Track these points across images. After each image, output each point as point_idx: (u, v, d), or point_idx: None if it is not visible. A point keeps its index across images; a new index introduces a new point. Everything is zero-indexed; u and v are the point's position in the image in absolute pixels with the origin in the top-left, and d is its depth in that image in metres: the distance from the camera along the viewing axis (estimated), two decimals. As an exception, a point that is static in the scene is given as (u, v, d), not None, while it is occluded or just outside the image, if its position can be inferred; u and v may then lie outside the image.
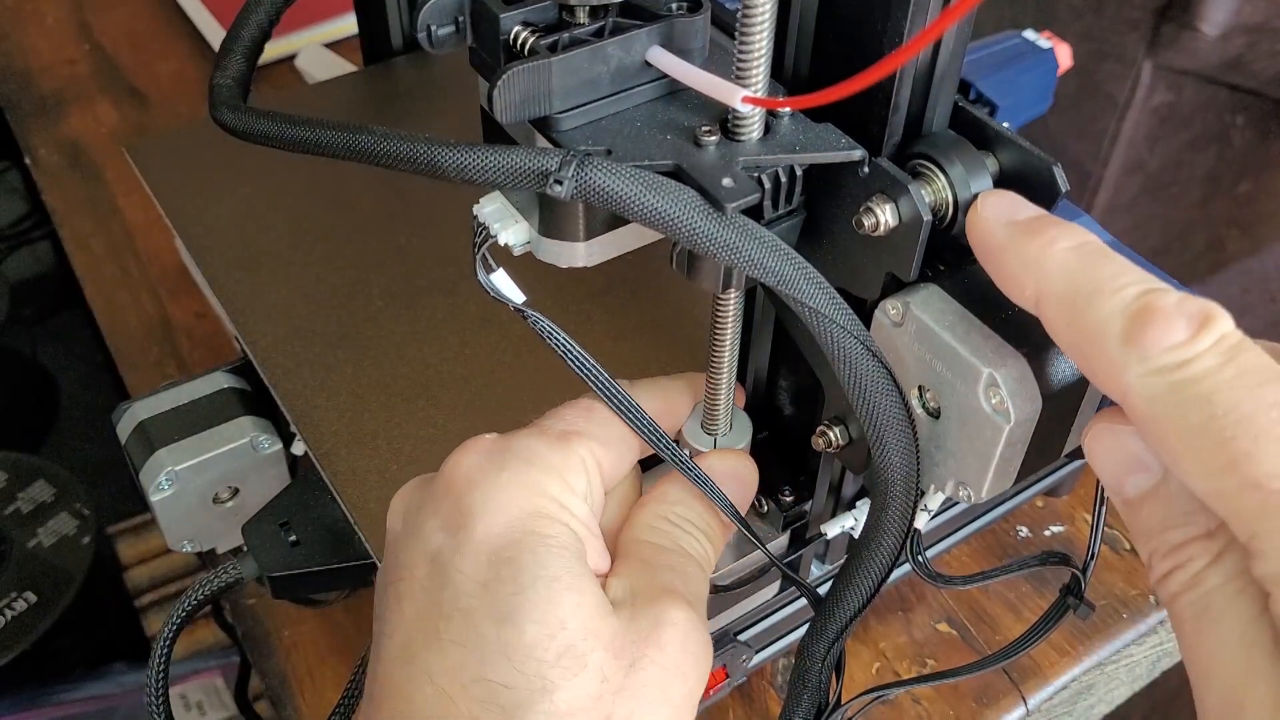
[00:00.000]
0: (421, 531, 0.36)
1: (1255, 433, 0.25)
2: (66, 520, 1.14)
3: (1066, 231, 0.30)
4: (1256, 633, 0.27)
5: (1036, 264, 0.30)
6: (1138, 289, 0.28)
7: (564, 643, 0.33)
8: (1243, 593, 0.28)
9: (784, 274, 0.33)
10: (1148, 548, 0.30)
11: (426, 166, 0.32)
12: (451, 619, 0.33)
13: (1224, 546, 0.28)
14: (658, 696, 0.34)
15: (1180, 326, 0.27)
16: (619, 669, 0.34)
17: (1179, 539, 0.29)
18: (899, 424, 0.35)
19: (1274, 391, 0.26)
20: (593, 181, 0.31)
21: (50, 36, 1.03)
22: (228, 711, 0.97)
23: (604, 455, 0.38)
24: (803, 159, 0.34)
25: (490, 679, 0.32)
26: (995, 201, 0.32)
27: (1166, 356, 0.27)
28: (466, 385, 0.55)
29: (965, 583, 0.43)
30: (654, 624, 0.35)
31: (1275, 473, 0.25)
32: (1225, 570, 0.28)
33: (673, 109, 0.35)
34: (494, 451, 0.37)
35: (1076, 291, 0.29)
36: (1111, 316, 0.28)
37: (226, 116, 0.38)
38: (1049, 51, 0.69)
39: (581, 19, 0.34)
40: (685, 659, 0.35)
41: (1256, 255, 1.15)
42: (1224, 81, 1.08)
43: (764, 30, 0.31)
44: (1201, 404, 0.26)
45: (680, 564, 0.38)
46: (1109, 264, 0.29)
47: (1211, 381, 0.26)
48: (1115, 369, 0.28)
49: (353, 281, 0.60)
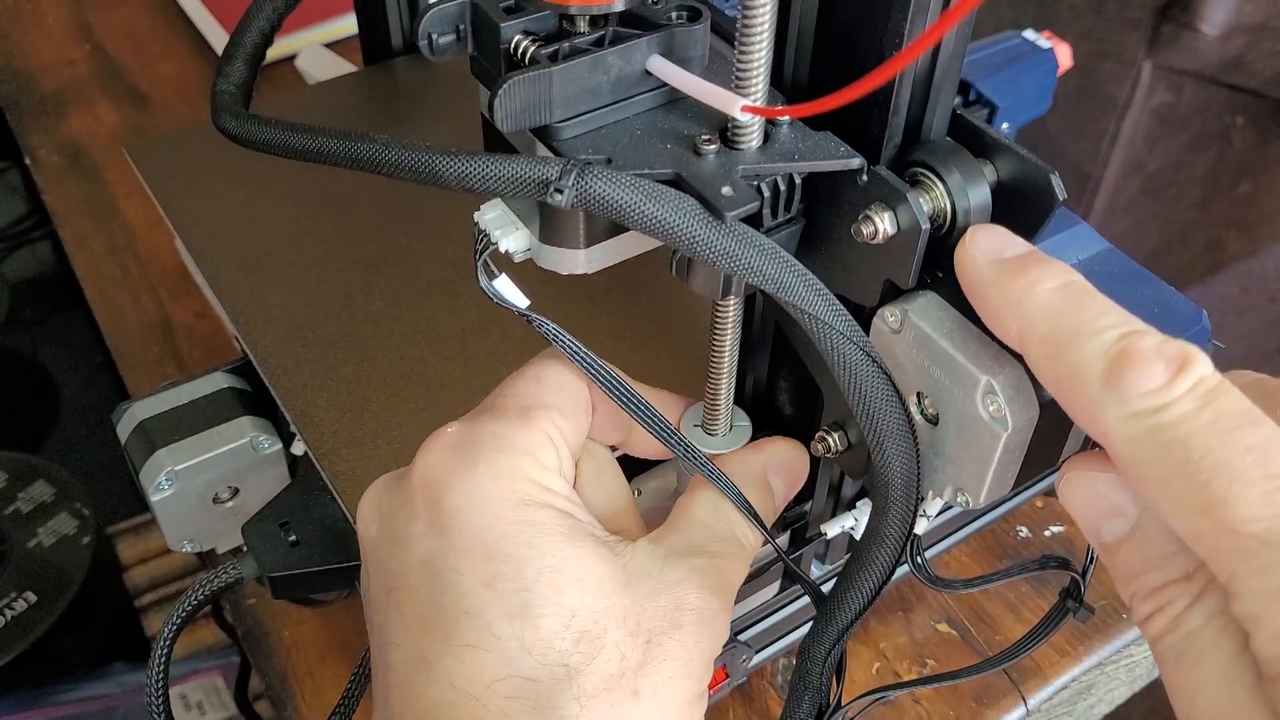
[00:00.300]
0: (406, 537, 0.36)
1: (1230, 477, 0.26)
2: (66, 520, 1.14)
3: (1051, 271, 0.30)
4: (1238, 670, 0.28)
5: (1020, 304, 0.30)
6: (1118, 331, 0.28)
7: (578, 629, 0.33)
8: (1223, 632, 0.28)
9: (783, 281, 0.33)
10: (1128, 590, 0.31)
11: (428, 175, 0.32)
12: (459, 622, 0.34)
13: (1203, 587, 0.29)
14: (680, 670, 0.35)
15: (1159, 371, 0.27)
16: (637, 646, 0.34)
17: (1158, 582, 0.30)
18: (899, 429, 0.35)
19: (1249, 436, 0.26)
20: (593, 190, 0.31)
21: (50, 36, 1.03)
22: (228, 711, 0.98)
23: (565, 424, 0.38)
24: (802, 167, 0.34)
25: (515, 675, 0.33)
26: (983, 238, 0.32)
27: (1144, 401, 0.27)
28: (466, 385, 0.55)
29: (965, 587, 0.44)
30: (674, 606, 0.35)
31: (1250, 517, 0.25)
32: (1205, 611, 0.29)
33: (672, 118, 0.35)
34: (461, 445, 0.36)
35: (1058, 333, 0.29)
36: (1092, 359, 0.28)
37: (229, 123, 0.38)
38: (1049, 52, 0.69)
39: (582, 28, 0.34)
40: (701, 640, 0.36)
41: (1256, 255, 1.15)
42: (1224, 81, 1.08)
43: (763, 39, 0.32)
44: (1178, 448, 0.26)
45: (727, 550, 0.38)
46: (1090, 305, 0.29)
47: (1188, 426, 0.26)
48: (1095, 411, 0.28)
49: (353, 282, 0.60)
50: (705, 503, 0.39)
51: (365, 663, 0.45)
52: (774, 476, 0.42)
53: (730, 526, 0.39)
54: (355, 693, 0.46)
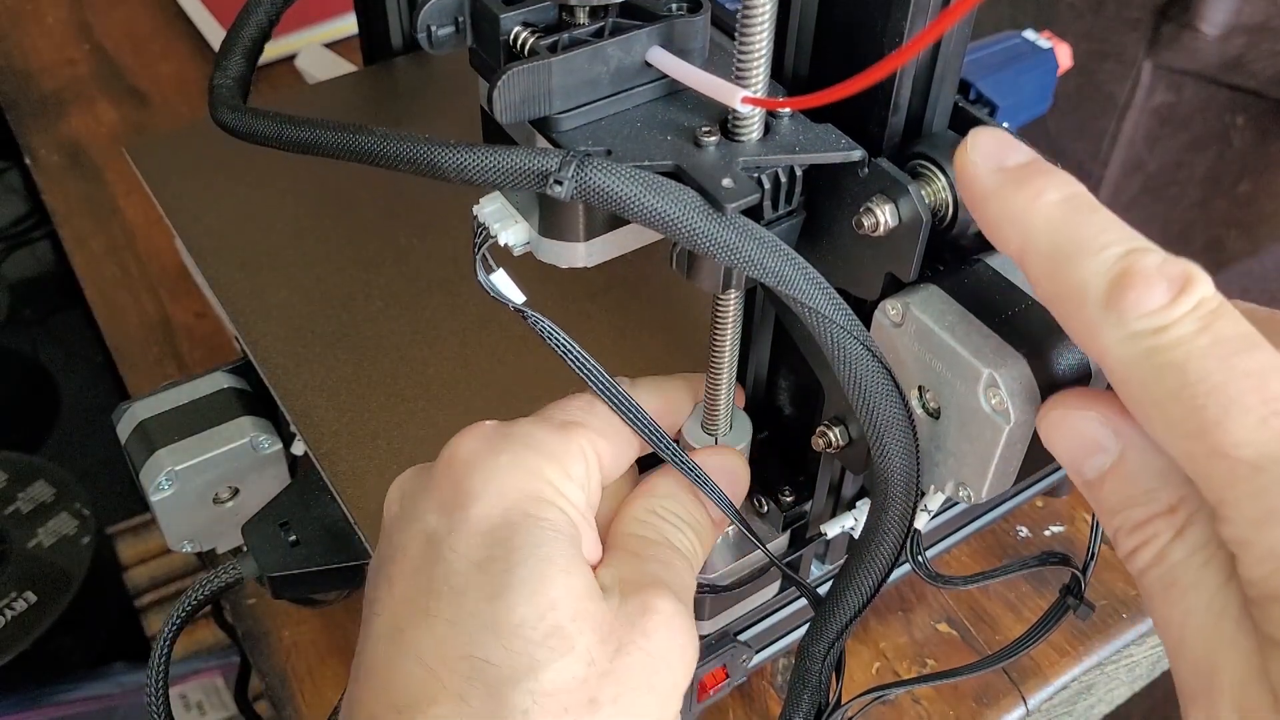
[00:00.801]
0: (417, 512, 0.36)
1: (1225, 402, 0.26)
2: (66, 520, 1.14)
3: (1054, 182, 0.30)
4: (1224, 601, 0.28)
5: (1022, 217, 0.29)
6: (1120, 249, 0.28)
7: (553, 623, 0.33)
8: (1209, 563, 0.28)
9: (784, 274, 0.33)
10: (1112, 524, 0.31)
11: (426, 167, 0.32)
12: (441, 596, 0.33)
13: (1186, 520, 0.29)
14: (643, 682, 0.34)
15: (1160, 291, 0.27)
16: (605, 653, 0.34)
17: (1142, 516, 0.30)
18: (899, 424, 0.35)
19: (1246, 360, 0.26)
20: (593, 182, 0.31)
21: (50, 36, 1.03)
22: (228, 711, 0.97)
23: (604, 448, 0.38)
24: (802, 159, 0.34)
25: (477, 655, 0.32)
26: (984, 143, 0.31)
27: (1144, 322, 0.27)
28: (466, 385, 0.55)
29: (965, 583, 0.43)
30: (640, 611, 0.35)
31: (1242, 441, 0.25)
32: (1190, 543, 0.29)
33: (673, 109, 0.35)
34: (494, 436, 0.37)
35: (1059, 249, 0.29)
36: (1092, 277, 0.28)
37: (227, 117, 0.38)
38: (1049, 51, 0.69)
39: (581, 19, 0.34)
40: (670, 648, 0.35)
41: (1256, 255, 1.15)
42: (1224, 81, 1.08)
43: (764, 31, 0.31)
44: (1175, 371, 0.26)
45: (666, 557, 0.38)
46: (1094, 220, 0.29)
47: (1186, 349, 0.26)
48: (1093, 331, 0.28)
49: (353, 281, 0.60)
50: (636, 514, 0.39)
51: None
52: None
53: (662, 533, 0.39)
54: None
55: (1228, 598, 0.28)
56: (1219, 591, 0.28)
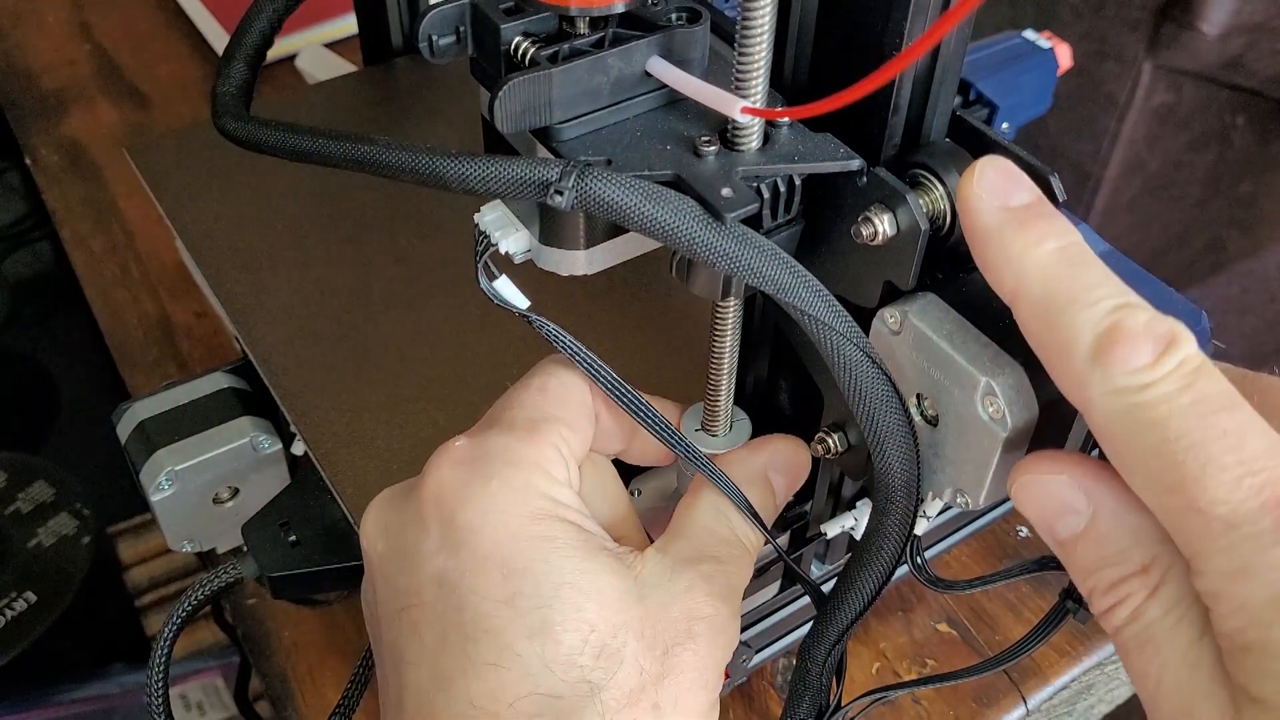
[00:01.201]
0: (418, 554, 0.35)
1: (1204, 460, 0.27)
2: (66, 520, 1.14)
3: (1054, 230, 0.30)
4: (1198, 655, 0.29)
5: (1018, 263, 0.30)
6: (1110, 304, 0.28)
7: (597, 644, 0.33)
8: (1182, 620, 0.29)
9: (783, 282, 0.33)
10: (1086, 585, 0.31)
11: (429, 177, 0.32)
12: (479, 641, 0.33)
13: (1160, 578, 0.30)
14: (696, 680, 0.35)
15: (1145, 350, 0.28)
16: (654, 657, 0.34)
17: (1116, 576, 0.30)
18: (899, 430, 0.35)
19: (1225, 420, 0.27)
20: (593, 192, 0.31)
21: (50, 36, 1.03)
22: (228, 711, 0.98)
23: (571, 436, 0.38)
24: (801, 169, 0.34)
25: (537, 693, 0.33)
26: (991, 178, 0.31)
27: (1128, 379, 0.28)
28: (466, 385, 0.55)
29: (965, 588, 0.44)
30: (686, 616, 0.35)
31: (1218, 499, 0.26)
32: (1164, 602, 0.29)
33: (672, 119, 0.35)
34: (471, 460, 0.36)
35: (1051, 299, 0.29)
36: (1082, 331, 0.28)
37: (230, 125, 0.39)
38: (1049, 51, 0.69)
39: (582, 30, 0.34)
40: (715, 646, 0.36)
41: (1256, 255, 1.15)
42: (1224, 81, 1.08)
43: (763, 41, 0.32)
44: (1156, 428, 0.27)
45: (731, 554, 0.38)
46: (1087, 274, 0.29)
47: (1168, 407, 0.27)
48: (1079, 382, 0.29)
49: (353, 282, 0.60)
50: (707, 507, 0.39)
51: (365, 662, 0.45)
52: (775, 475, 0.42)
53: (733, 529, 0.39)
54: (355, 693, 0.46)
55: (1201, 651, 0.28)
56: (1192, 646, 0.29)
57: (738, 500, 0.39)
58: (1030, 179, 0.32)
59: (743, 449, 0.43)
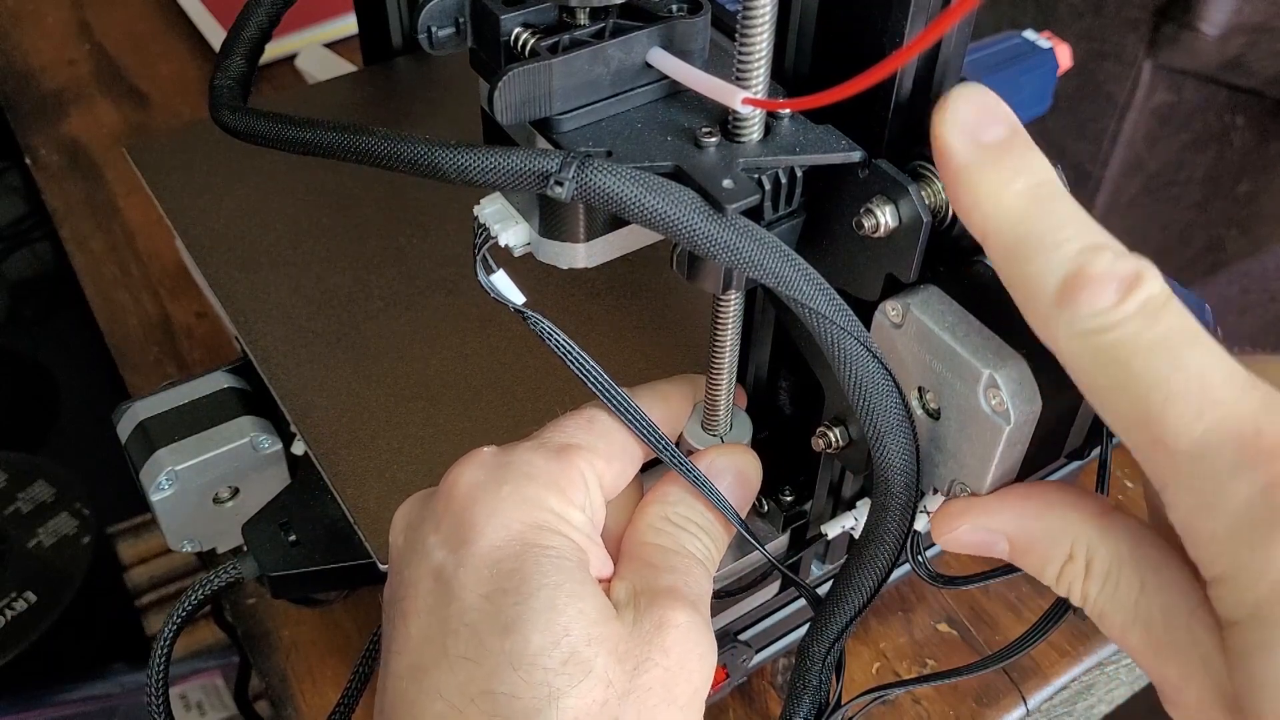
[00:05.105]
0: (423, 547, 0.36)
1: (1166, 394, 0.27)
2: (66, 520, 1.14)
3: (1026, 167, 0.30)
4: (1147, 608, 0.31)
5: (988, 203, 0.30)
6: (1076, 245, 0.29)
7: (567, 649, 0.33)
8: (1120, 585, 0.32)
9: (784, 275, 0.33)
10: (1046, 584, 0.35)
11: (427, 168, 0.32)
12: (459, 634, 0.33)
13: (1086, 559, 0.33)
14: (663, 698, 0.34)
15: (1109, 291, 0.28)
16: (623, 673, 0.34)
17: (1054, 572, 0.34)
18: (899, 425, 0.35)
19: (1187, 354, 0.28)
20: (593, 183, 0.31)
21: (50, 36, 1.03)
22: (228, 711, 0.97)
23: (604, 467, 0.38)
24: (803, 160, 0.34)
25: (497, 690, 0.32)
26: (964, 111, 0.30)
27: (1092, 321, 0.28)
28: (466, 385, 0.55)
29: (965, 583, 0.43)
30: (657, 627, 0.35)
31: (1181, 432, 0.27)
32: (1098, 577, 0.33)
33: (673, 110, 0.35)
34: (493, 466, 0.37)
35: (1019, 241, 0.29)
36: (1048, 273, 0.29)
37: (227, 118, 0.38)
38: (1049, 51, 0.69)
39: (582, 20, 0.34)
40: (689, 660, 0.35)
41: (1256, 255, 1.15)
42: (1224, 81, 1.08)
43: (764, 32, 0.31)
44: (1121, 366, 0.28)
45: (683, 565, 0.38)
46: (1055, 213, 0.29)
47: (1132, 344, 0.28)
48: (1046, 323, 0.29)
49: (353, 281, 0.60)
50: (651, 522, 0.39)
51: (365, 662, 0.45)
52: (729, 485, 0.42)
53: (678, 541, 0.39)
54: (355, 693, 0.46)
55: (1150, 601, 0.31)
56: (1140, 601, 0.32)
57: (721, 504, 0.40)
58: (1007, 108, 0.31)
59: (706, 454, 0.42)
